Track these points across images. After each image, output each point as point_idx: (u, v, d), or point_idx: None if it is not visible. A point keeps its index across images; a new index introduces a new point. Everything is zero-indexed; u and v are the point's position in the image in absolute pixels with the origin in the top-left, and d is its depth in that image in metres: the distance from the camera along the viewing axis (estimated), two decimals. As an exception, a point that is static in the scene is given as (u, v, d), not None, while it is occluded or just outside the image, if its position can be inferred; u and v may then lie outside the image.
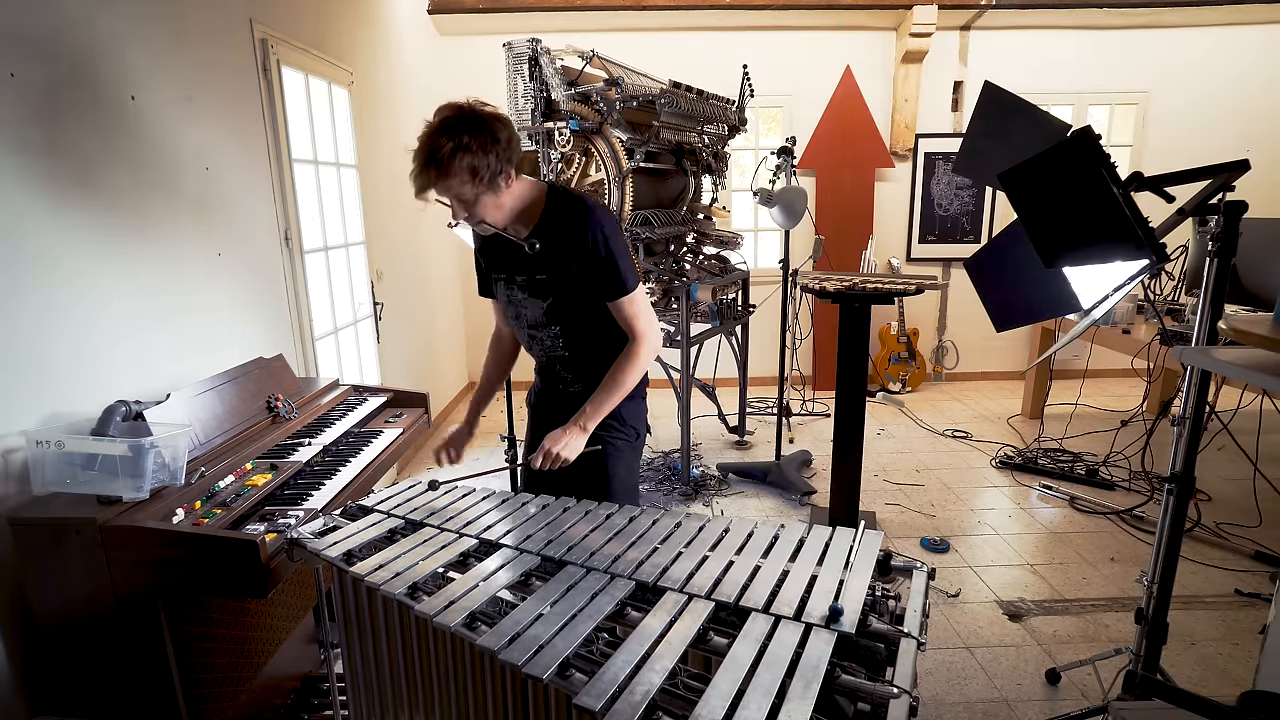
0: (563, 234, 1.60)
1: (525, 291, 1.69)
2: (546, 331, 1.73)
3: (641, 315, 1.67)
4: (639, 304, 1.66)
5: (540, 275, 1.65)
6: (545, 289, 1.66)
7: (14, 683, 1.53)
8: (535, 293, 1.68)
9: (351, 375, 3.46)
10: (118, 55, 1.91)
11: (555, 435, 1.61)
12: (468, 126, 1.43)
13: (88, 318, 1.77)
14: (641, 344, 1.66)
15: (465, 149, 1.42)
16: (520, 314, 1.74)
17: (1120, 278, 1.53)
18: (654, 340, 1.69)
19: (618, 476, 1.76)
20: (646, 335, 1.67)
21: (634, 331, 1.67)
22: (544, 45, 3.04)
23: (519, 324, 1.78)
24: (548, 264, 1.63)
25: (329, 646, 1.88)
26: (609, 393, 1.64)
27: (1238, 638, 2.42)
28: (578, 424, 1.62)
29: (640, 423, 1.83)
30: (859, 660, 0.97)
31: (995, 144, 1.74)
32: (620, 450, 1.76)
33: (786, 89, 5.32)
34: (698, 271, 3.74)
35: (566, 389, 1.80)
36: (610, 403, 1.64)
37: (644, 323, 1.67)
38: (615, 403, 1.65)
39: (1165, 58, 5.26)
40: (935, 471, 3.93)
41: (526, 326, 1.75)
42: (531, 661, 0.96)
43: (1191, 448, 1.70)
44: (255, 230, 2.59)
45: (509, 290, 1.73)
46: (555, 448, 1.59)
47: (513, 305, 1.75)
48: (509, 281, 1.72)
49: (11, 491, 1.55)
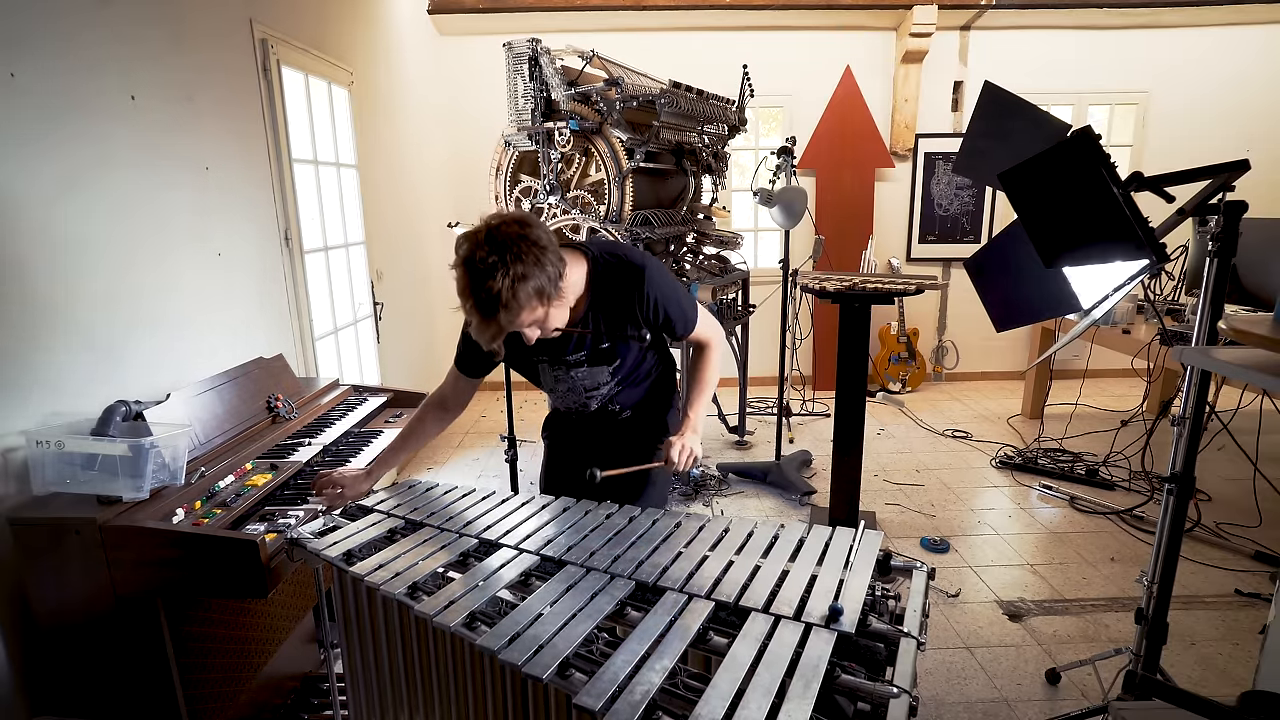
0: (617, 303, 1.56)
1: (586, 365, 1.64)
2: (607, 388, 1.70)
3: (706, 331, 1.71)
4: (705, 323, 1.70)
5: (604, 345, 1.61)
6: (610, 354, 1.63)
7: (14, 682, 1.53)
8: (599, 361, 1.64)
9: (351, 375, 3.46)
10: (118, 55, 1.91)
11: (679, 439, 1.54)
12: (509, 253, 1.26)
13: (88, 317, 1.77)
14: (712, 347, 1.73)
15: (523, 279, 1.26)
16: (575, 385, 1.68)
17: (1120, 278, 1.53)
18: (721, 341, 1.75)
19: (657, 484, 1.79)
20: (713, 340, 1.73)
21: (701, 343, 1.73)
22: (544, 45, 3.04)
23: (572, 394, 1.70)
24: (609, 333, 1.58)
25: (329, 646, 1.89)
26: (702, 391, 1.67)
27: (1238, 638, 2.42)
28: (689, 427, 1.59)
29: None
30: (859, 660, 0.97)
31: (995, 144, 1.74)
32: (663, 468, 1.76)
33: (786, 89, 5.32)
34: (698, 271, 3.74)
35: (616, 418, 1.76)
36: (705, 397, 1.67)
37: (709, 332, 1.72)
38: (709, 397, 1.68)
39: (1165, 58, 5.26)
40: (935, 471, 3.93)
41: (584, 392, 1.69)
42: (531, 661, 0.96)
43: (1191, 448, 1.70)
44: (255, 230, 2.59)
45: (558, 370, 1.66)
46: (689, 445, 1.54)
47: (565, 380, 1.68)
48: (557, 363, 1.65)
49: (11, 491, 1.55)
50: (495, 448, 4.35)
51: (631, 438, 1.75)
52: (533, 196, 3.22)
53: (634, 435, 1.76)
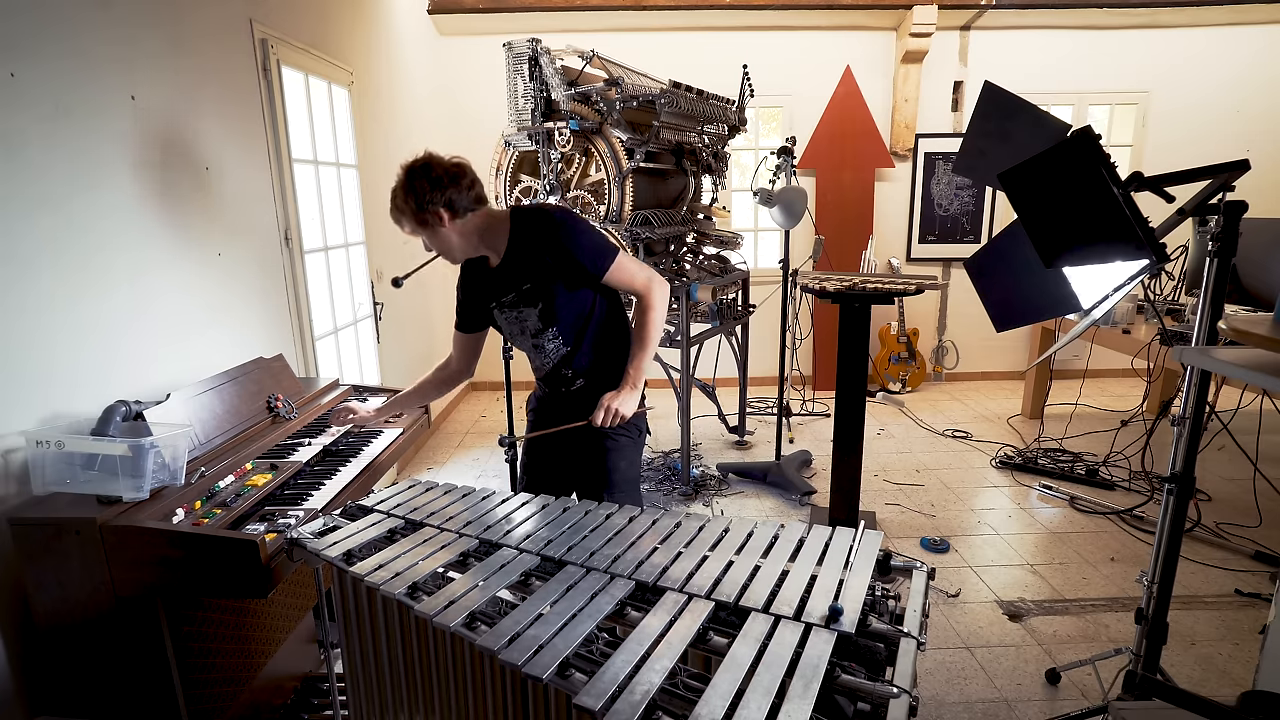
0: (529, 243, 1.76)
1: (520, 305, 1.83)
2: (546, 335, 1.85)
3: (634, 275, 1.79)
4: (626, 268, 1.78)
5: (526, 285, 1.80)
6: (534, 295, 1.80)
7: (13, 683, 1.53)
8: (528, 302, 1.82)
9: (351, 375, 3.46)
10: (118, 55, 1.91)
11: (611, 395, 1.70)
12: (403, 184, 1.69)
13: (88, 317, 1.77)
14: (651, 293, 1.79)
15: (393, 197, 1.71)
16: (524, 328, 1.86)
17: (1120, 278, 1.53)
18: (658, 288, 1.80)
19: (619, 469, 1.87)
20: (650, 284, 1.79)
21: (635, 290, 1.79)
22: (544, 45, 3.04)
23: (524, 339, 1.89)
24: (527, 273, 1.79)
25: (329, 646, 1.88)
26: (643, 347, 1.77)
27: (1238, 638, 2.42)
28: (627, 384, 1.72)
29: (643, 421, 1.95)
30: (859, 660, 0.97)
31: (995, 144, 1.74)
32: (622, 445, 1.89)
33: (786, 89, 5.32)
34: (698, 271, 3.74)
35: (569, 388, 1.90)
36: (646, 355, 1.76)
37: (642, 276, 1.79)
38: (651, 354, 1.77)
39: (1165, 58, 5.26)
40: (935, 471, 3.93)
41: (530, 337, 1.87)
42: (531, 661, 0.96)
43: (1191, 448, 1.70)
44: (255, 230, 2.59)
45: (504, 312, 1.87)
46: (614, 404, 1.67)
47: (514, 323, 1.87)
48: (500, 305, 1.86)
49: (11, 491, 1.55)
50: (495, 448, 4.35)
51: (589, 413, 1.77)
52: (533, 196, 3.22)
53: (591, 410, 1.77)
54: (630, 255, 1.86)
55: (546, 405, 1.99)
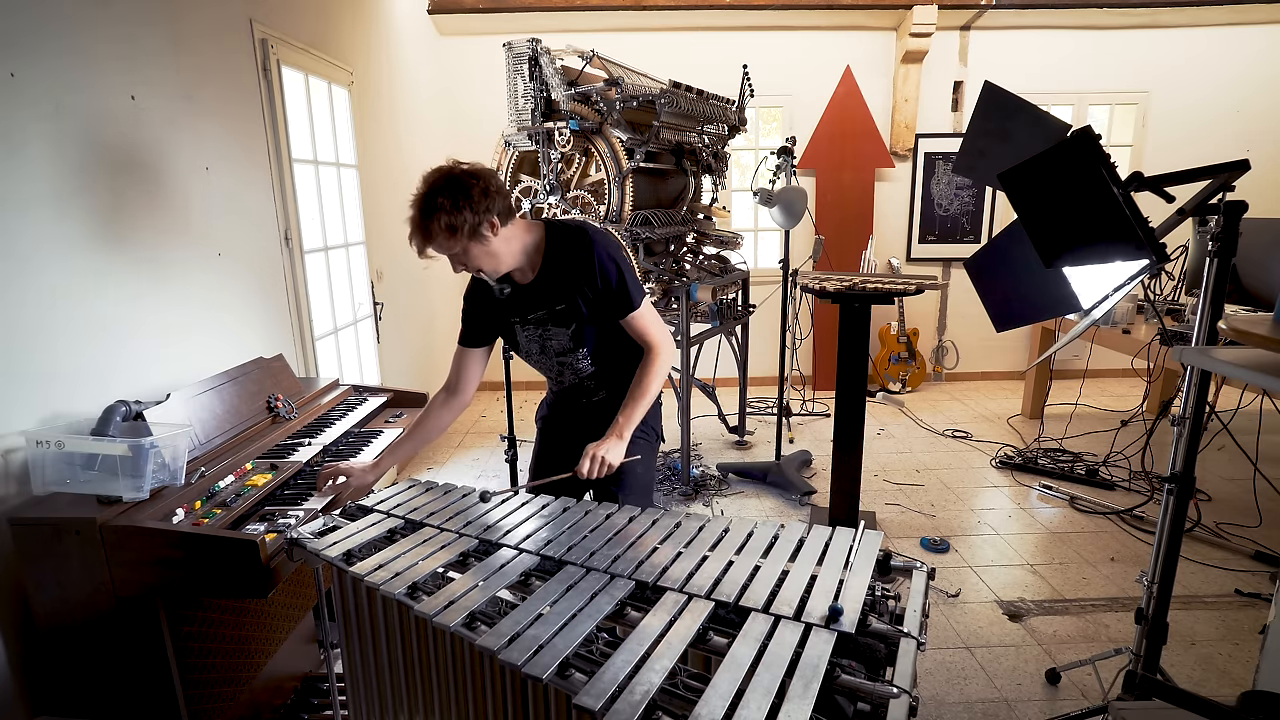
0: (569, 264, 1.70)
1: (549, 324, 1.77)
2: (574, 355, 1.81)
3: (652, 327, 1.76)
4: (647, 317, 1.75)
5: (560, 305, 1.74)
6: (567, 316, 1.74)
7: (14, 683, 1.53)
8: (559, 322, 1.76)
9: (351, 375, 3.46)
10: (118, 55, 1.91)
11: (596, 445, 1.65)
12: (442, 189, 1.52)
13: (88, 317, 1.77)
14: (658, 353, 1.75)
15: (440, 209, 1.51)
16: (546, 346, 1.81)
17: (1120, 278, 1.53)
18: (669, 347, 1.78)
19: (634, 473, 1.83)
20: (660, 343, 1.76)
21: (648, 343, 1.76)
22: (544, 45, 3.04)
23: (545, 357, 1.83)
24: (563, 294, 1.72)
25: (329, 646, 1.88)
26: (637, 401, 1.71)
27: (1238, 638, 2.42)
28: (614, 433, 1.67)
29: (659, 424, 1.93)
30: (859, 660, 0.97)
31: (995, 144, 1.74)
32: (640, 449, 1.85)
33: (786, 89, 5.32)
34: (698, 271, 3.74)
35: (590, 399, 1.88)
36: (640, 410, 1.72)
37: (656, 332, 1.76)
38: (645, 409, 1.73)
39: (1165, 58, 5.26)
40: (935, 471, 3.93)
41: (555, 356, 1.82)
42: (531, 661, 0.96)
43: (1191, 448, 1.70)
44: (255, 230, 2.59)
45: (528, 330, 1.80)
46: (600, 453, 1.63)
47: (536, 341, 1.81)
48: (525, 322, 1.79)
49: (11, 491, 1.55)
50: (495, 448, 4.35)
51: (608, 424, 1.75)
52: (533, 196, 3.22)
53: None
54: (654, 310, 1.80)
55: (561, 414, 1.95)
